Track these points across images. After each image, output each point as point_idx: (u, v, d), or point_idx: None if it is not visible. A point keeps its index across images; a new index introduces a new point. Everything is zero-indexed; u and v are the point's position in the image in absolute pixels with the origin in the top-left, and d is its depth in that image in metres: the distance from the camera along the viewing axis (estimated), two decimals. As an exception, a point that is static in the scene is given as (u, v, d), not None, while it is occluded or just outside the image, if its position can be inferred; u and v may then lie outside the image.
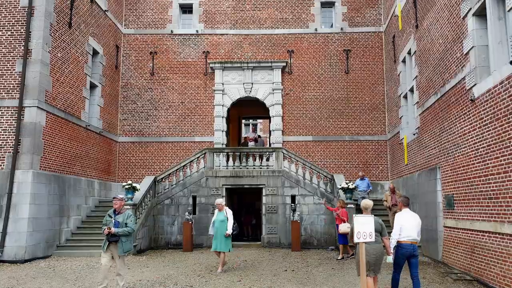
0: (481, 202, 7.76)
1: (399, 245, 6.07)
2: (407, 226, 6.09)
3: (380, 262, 5.79)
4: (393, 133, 15.24)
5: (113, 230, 6.34)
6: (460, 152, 8.79)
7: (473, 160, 8.12)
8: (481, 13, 7.90)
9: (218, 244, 8.83)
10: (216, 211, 9.12)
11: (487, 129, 7.50)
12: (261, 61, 16.63)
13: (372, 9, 16.92)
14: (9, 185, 10.44)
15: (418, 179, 11.79)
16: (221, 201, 9.14)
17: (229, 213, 9.03)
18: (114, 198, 6.74)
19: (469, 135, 8.29)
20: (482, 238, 7.71)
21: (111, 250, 6.50)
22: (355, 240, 4.94)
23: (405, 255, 6.08)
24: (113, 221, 6.45)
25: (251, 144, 16.41)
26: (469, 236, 8.30)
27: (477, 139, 7.94)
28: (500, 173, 7.00)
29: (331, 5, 17.23)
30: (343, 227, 10.47)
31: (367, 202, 6.03)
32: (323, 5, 17.21)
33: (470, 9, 8.13)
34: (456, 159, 8.99)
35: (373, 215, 5.45)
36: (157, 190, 14.04)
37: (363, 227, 4.89)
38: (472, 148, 8.17)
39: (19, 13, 11.30)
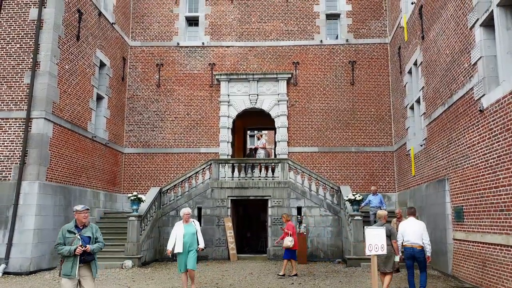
0: (492, 214, 7.62)
1: (403, 248, 7.42)
2: (407, 231, 7.40)
3: (390, 261, 7.12)
4: (399, 144, 15.14)
5: (90, 247, 5.20)
6: (469, 163, 8.68)
7: (482, 172, 8.01)
8: (488, 24, 7.88)
9: (189, 261, 7.37)
10: (180, 223, 7.63)
11: (497, 140, 7.41)
12: (266, 73, 16.69)
13: (377, 21, 17.00)
14: (15, 196, 10.45)
15: (426, 191, 11.64)
16: (188, 211, 7.74)
17: (198, 226, 7.79)
18: (81, 210, 5.33)
19: (478, 146, 8.19)
20: (494, 251, 7.55)
21: (81, 274, 5.23)
22: (367, 252, 4.84)
23: (408, 256, 7.39)
24: (79, 237, 5.23)
25: (262, 151, 16.25)
26: (480, 249, 8.13)
27: (486, 150, 7.83)
28: (512, 185, 6.89)
29: (336, 17, 17.34)
30: (285, 241, 9.98)
31: (380, 212, 7.46)
32: (328, 17, 17.32)
33: (478, 19, 8.12)
34: (465, 171, 8.87)
35: (384, 226, 5.36)
36: (163, 201, 13.98)
37: (375, 239, 4.80)
38: (481, 159, 8.06)
39: (28, 26, 11.47)
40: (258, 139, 17.28)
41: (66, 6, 12.21)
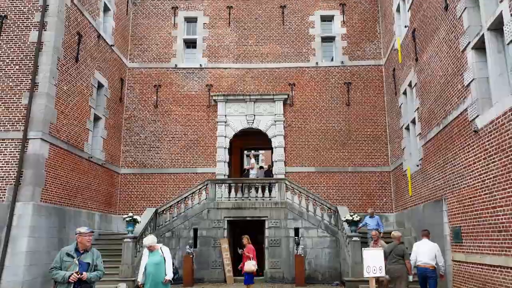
0: (491, 235, 7.58)
1: (416, 268, 7.98)
2: (420, 252, 8.00)
3: (404, 279, 7.63)
4: (396, 165, 15.18)
5: (86, 275, 4.76)
6: (465, 184, 8.70)
7: (479, 192, 8.02)
8: (480, 47, 8.07)
9: None
10: (145, 251, 6.74)
11: (492, 160, 7.45)
12: (263, 94, 16.86)
13: (372, 43, 17.34)
14: (9, 218, 10.30)
15: (423, 211, 11.60)
16: (151, 240, 6.66)
17: (166, 252, 6.71)
18: (85, 232, 4.95)
19: (474, 167, 8.23)
20: (494, 273, 7.47)
21: None
22: (365, 274, 4.78)
23: (420, 276, 7.95)
24: (78, 262, 4.81)
25: (252, 172, 16.20)
26: (480, 271, 8.04)
27: (482, 170, 7.87)
28: (509, 205, 6.89)
29: (332, 39, 17.69)
30: (249, 265, 9.70)
31: (394, 233, 8.15)
32: (324, 39, 17.66)
33: (469, 42, 8.31)
34: (462, 191, 8.89)
35: (382, 248, 5.31)
36: (158, 222, 13.82)
37: (373, 261, 4.76)
38: (478, 179, 8.08)
39: (28, 48, 11.59)
40: (251, 158, 17.35)
41: (66, 29, 12.39)
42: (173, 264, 6.80)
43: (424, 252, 8.02)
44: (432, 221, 10.75)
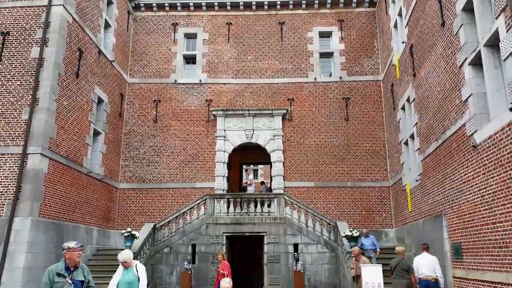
0: (491, 251, 7.52)
1: (418, 281, 8.22)
2: (421, 265, 8.29)
3: None
4: (395, 180, 15.15)
5: None
6: (465, 199, 8.68)
7: (479, 207, 7.99)
8: (477, 63, 8.15)
9: None
10: (120, 268, 6.31)
11: (491, 176, 7.45)
12: (262, 109, 16.96)
13: (370, 59, 17.53)
14: (6, 233, 10.22)
15: (423, 227, 11.53)
16: (126, 255, 6.19)
17: (141, 271, 6.26)
18: (74, 247, 4.59)
19: (473, 182, 8.23)
20: (495, 290, 7.38)
21: None
22: (364, 292, 4.74)
23: None
24: (71, 281, 4.44)
25: (249, 188, 16.19)
26: (481, 288, 7.96)
27: (481, 185, 7.86)
28: (508, 221, 6.86)
29: (330, 55, 17.88)
30: (223, 283, 9.28)
31: (398, 248, 8.33)
32: (322, 55, 17.85)
33: (466, 58, 8.41)
34: (462, 206, 8.86)
35: (380, 265, 5.27)
36: (156, 238, 13.70)
37: (372, 277, 4.72)
38: (477, 195, 8.07)
39: (29, 64, 11.71)
40: (249, 174, 17.34)
41: (67, 45, 12.54)
42: (148, 284, 6.35)
43: (424, 265, 8.29)
44: (432, 236, 10.67)
